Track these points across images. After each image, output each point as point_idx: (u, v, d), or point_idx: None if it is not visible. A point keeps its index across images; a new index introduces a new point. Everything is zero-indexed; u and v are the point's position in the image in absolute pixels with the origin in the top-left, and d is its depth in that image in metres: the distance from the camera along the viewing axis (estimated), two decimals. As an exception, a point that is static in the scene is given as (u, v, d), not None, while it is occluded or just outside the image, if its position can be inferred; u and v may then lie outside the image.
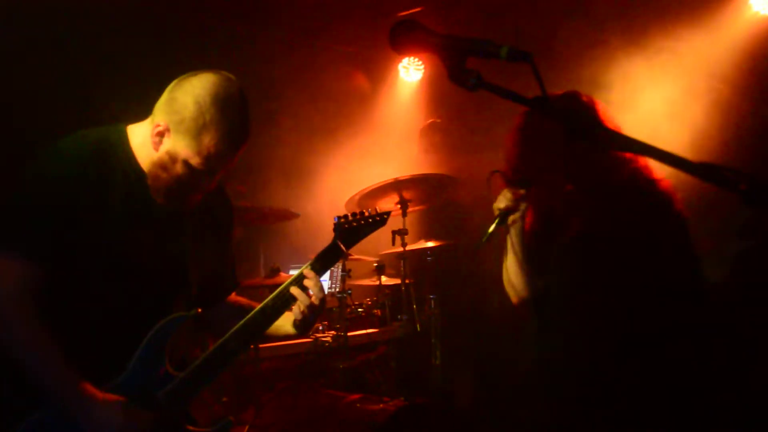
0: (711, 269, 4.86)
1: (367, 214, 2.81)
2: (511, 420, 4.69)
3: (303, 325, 2.68)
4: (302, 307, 2.60)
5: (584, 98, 2.98)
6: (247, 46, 5.94)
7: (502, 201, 2.95)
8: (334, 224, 2.76)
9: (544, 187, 2.95)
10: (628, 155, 2.86)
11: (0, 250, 2.30)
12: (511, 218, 2.97)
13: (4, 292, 2.27)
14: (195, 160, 2.37)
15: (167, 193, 2.46)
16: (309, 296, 2.60)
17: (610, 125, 2.88)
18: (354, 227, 2.77)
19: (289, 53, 6.50)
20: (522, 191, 2.93)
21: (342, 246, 2.71)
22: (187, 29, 5.38)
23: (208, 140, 2.35)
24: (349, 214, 2.79)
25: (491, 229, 2.89)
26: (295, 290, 2.59)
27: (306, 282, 2.60)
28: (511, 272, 3.05)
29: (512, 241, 3.03)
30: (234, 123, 2.38)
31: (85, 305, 2.41)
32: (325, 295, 2.66)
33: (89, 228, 2.36)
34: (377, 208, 2.88)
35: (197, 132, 2.34)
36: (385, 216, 2.86)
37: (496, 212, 2.94)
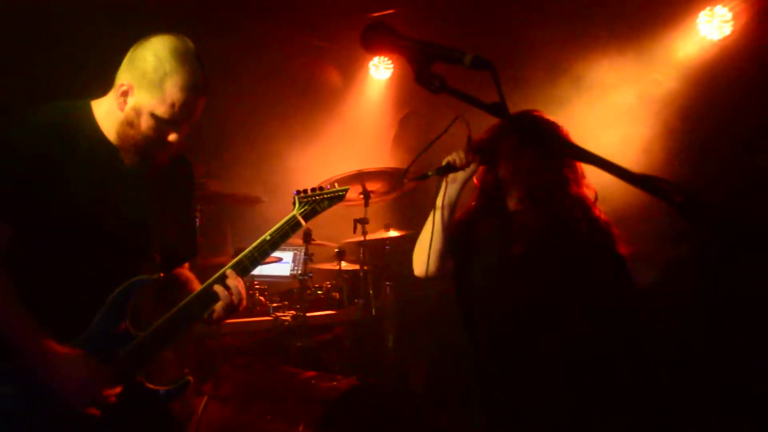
0: (643, 273, 4.98)
1: (326, 188, 2.81)
2: (460, 401, 4.76)
3: (211, 317, 2.59)
4: (221, 306, 2.55)
5: (537, 114, 2.82)
6: (221, 36, 5.87)
7: (453, 155, 2.76)
8: (294, 197, 2.76)
9: (497, 171, 2.85)
10: (580, 188, 2.82)
11: None
12: (451, 176, 2.79)
13: None
14: (160, 110, 2.39)
15: (136, 151, 2.46)
16: (230, 295, 2.54)
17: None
18: (313, 200, 2.76)
19: (263, 45, 6.45)
20: (477, 158, 2.75)
21: (301, 219, 2.71)
22: (161, 15, 5.31)
23: (170, 87, 2.38)
24: (308, 189, 2.78)
25: (429, 173, 2.73)
26: (218, 288, 2.55)
27: (229, 281, 2.56)
28: (424, 239, 2.88)
29: (442, 204, 2.84)
30: (192, 71, 2.41)
31: (52, 266, 2.40)
32: (243, 298, 2.58)
33: (53, 192, 2.37)
34: (336, 184, 2.87)
35: (159, 81, 2.38)
36: (343, 192, 2.84)
37: (444, 163, 2.77)
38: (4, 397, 2.30)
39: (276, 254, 5.16)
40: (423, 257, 2.88)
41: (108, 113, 2.49)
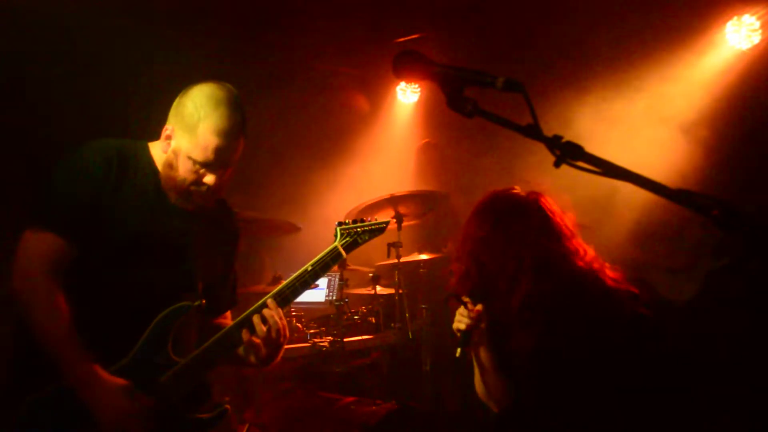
0: (686, 285, 4.92)
1: (367, 221, 2.83)
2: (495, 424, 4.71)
3: (259, 356, 2.56)
4: (257, 339, 2.54)
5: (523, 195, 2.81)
6: (252, 66, 5.98)
7: (461, 322, 2.66)
8: (336, 229, 2.78)
9: (499, 296, 2.69)
10: (581, 261, 2.68)
11: (31, 225, 2.43)
12: (476, 337, 2.69)
13: (29, 264, 2.39)
14: (195, 153, 2.49)
15: (177, 192, 2.56)
16: (264, 327, 2.53)
17: (557, 216, 2.77)
18: (354, 232, 2.79)
19: (293, 74, 6.54)
20: (479, 307, 2.66)
21: (342, 250, 2.74)
22: (194, 50, 5.46)
23: (202, 131, 2.47)
24: (350, 221, 2.81)
25: (458, 353, 2.63)
26: (255, 319, 2.55)
27: (265, 311, 2.55)
28: (491, 386, 2.76)
29: (483, 357, 2.74)
30: (225, 117, 2.49)
31: (99, 290, 2.47)
32: (281, 328, 2.55)
33: (109, 218, 2.47)
34: (376, 217, 2.89)
35: (194, 127, 2.48)
36: (384, 225, 2.85)
37: (458, 334, 2.66)
38: (46, 418, 2.36)
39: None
40: (492, 402, 2.79)
41: (158, 153, 2.61)
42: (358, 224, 2.81)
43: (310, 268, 2.67)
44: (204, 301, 2.60)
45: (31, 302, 2.37)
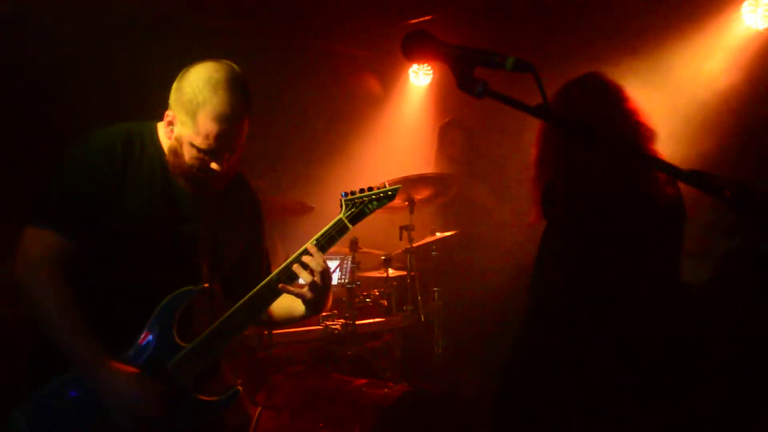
0: (699, 267, 4.89)
1: (375, 189, 2.67)
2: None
3: (310, 303, 2.58)
4: (304, 285, 2.54)
5: (606, 80, 2.91)
6: (264, 49, 5.96)
7: None
8: (341, 200, 2.64)
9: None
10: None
11: (32, 223, 2.41)
12: None
13: (32, 259, 2.37)
14: (197, 140, 2.42)
15: (185, 178, 2.52)
16: (310, 274, 2.51)
17: (630, 111, 2.81)
18: (360, 202, 2.63)
19: (306, 56, 6.52)
20: None
21: (347, 222, 2.61)
22: (209, 32, 5.45)
23: (202, 118, 2.39)
24: (356, 190, 2.66)
25: None
26: (296, 267, 2.53)
27: (305, 258, 2.52)
28: None
29: None
30: (225, 101, 2.40)
31: (106, 279, 2.47)
32: (325, 272, 2.52)
33: (114, 208, 2.44)
34: (386, 183, 2.70)
35: (193, 113, 2.40)
36: (392, 191, 2.68)
37: None
38: (54, 411, 2.38)
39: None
40: None
41: (165, 137, 2.56)
42: (365, 193, 2.65)
43: (315, 242, 2.56)
44: (207, 285, 2.56)
45: (37, 295, 2.37)
